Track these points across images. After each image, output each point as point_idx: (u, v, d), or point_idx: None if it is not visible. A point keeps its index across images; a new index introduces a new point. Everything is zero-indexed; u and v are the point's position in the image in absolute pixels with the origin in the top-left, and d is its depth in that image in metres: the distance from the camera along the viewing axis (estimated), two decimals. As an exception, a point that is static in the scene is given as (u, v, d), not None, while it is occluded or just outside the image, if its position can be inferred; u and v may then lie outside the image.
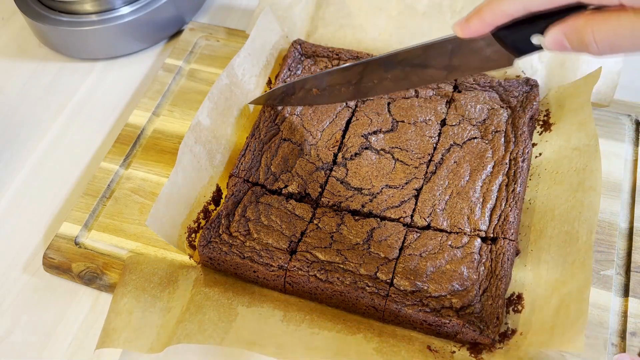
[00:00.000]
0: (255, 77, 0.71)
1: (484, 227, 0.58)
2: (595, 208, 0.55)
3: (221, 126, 0.66)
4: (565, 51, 0.40)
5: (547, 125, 0.66)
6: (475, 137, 0.64)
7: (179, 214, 0.59)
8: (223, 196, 0.64)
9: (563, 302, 0.51)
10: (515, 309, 0.55)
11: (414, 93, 0.68)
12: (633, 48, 0.37)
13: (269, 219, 0.59)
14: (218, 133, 0.65)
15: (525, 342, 0.51)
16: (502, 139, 0.63)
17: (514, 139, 0.63)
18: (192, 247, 0.60)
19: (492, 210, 0.59)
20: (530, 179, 0.63)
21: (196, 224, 0.61)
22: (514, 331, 0.53)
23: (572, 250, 0.54)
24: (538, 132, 0.67)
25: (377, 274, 0.55)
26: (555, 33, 0.40)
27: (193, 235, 0.61)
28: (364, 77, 0.57)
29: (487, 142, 0.63)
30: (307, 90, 0.62)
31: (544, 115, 0.68)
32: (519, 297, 0.55)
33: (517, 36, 0.44)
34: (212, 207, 0.63)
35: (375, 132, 0.65)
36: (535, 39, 0.43)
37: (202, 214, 0.62)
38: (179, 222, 0.59)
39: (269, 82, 0.73)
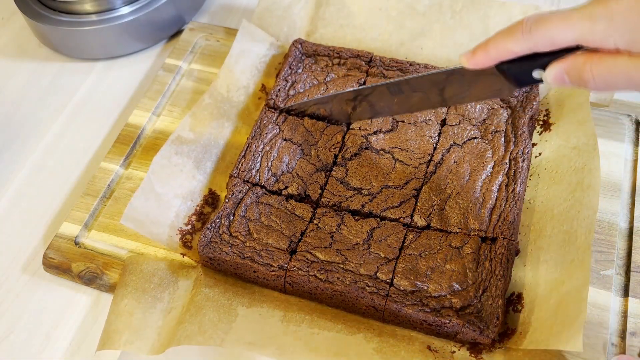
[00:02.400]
0: (244, 89, 0.72)
1: (483, 227, 0.58)
2: (594, 207, 0.55)
3: (209, 137, 0.67)
4: (564, 86, 0.44)
5: (546, 125, 0.66)
6: (475, 137, 0.64)
7: (161, 216, 0.60)
8: (220, 199, 0.64)
9: (562, 301, 0.51)
10: (515, 308, 0.55)
11: (414, 93, 0.68)
12: (627, 86, 0.41)
13: (269, 219, 0.59)
14: (207, 143, 0.67)
15: (525, 342, 0.51)
16: (502, 139, 0.63)
17: (514, 139, 0.63)
18: (187, 247, 0.61)
19: (492, 210, 0.59)
20: (530, 179, 0.63)
21: (189, 226, 0.61)
22: (513, 331, 0.53)
23: (570, 249, 0.54)
24: (538, 132, 0.67)
25: (377, 273, 0.55)
26: (556, 70, 0.43)
27: (187, 236, 0.61)
28: (372, 100, 0.60)
29: (487, 142, 0.63)
30: (316, 109, 0.65)
31: (544, 115, 0.67)
32: (519, 296, 0.55)
33: (519, 70, 0.46)
34: (206, 209, 0.63)
35: (375, 132, 0.65)
36: (537, 74, 0.45)
37: (194, 217, 0.62)
38: (166, 224, 0.60)
39: (263, 88, 0.73)
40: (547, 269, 0.55)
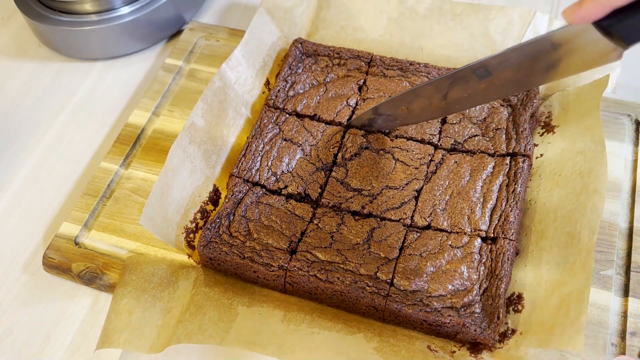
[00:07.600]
0: (252, 79, 0.71)
1: (484, 227, 0.58)
2: (599, 211, 0.55)
3: (216, 127, 0.66)
4: None
5: (549, 128, 0.66)
6: (476, 135, 0.64)
7: (173, 214, 0.59)
8: (222, 196, 0.64)
9: (563, 302, 0.51)
10: (515, 308, 0.55)
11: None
12: None
13: (269, 219, 0.59)
14: (213, 134, 0.65)
15: (525, 342, 0.52)
16: (503, 137, 0.63)
17: (515, 137, 0.63)
18: (191, 246, 0.60)
19: (493, 210, 0.59)
20: (530, 179, 0.63)
21: (193, 224, 0.61)
22: (514, 331, 0.53)
23: (573, 251, 0.54)
24: (539, 132, 0.67)
25: (377, 273, 0.55)
26: None
27: (191, 235, 0.61)
28: (455, 89, 0.55)
29: (487, 139, 0.63)
30: (395, 110, 0.61)
31: (546, 117, 0.67)
32: (519, 297, 0.55)
33: (628, 23, 0.41)
34: (209, 207, 0.63)
35: (375, 132, 0.65)
36: None
37: (199, 214, 0.62)
38: (175, 222, 0.59)
39: (267, 83, 0.73)
40: (549, 270, 0.55)
